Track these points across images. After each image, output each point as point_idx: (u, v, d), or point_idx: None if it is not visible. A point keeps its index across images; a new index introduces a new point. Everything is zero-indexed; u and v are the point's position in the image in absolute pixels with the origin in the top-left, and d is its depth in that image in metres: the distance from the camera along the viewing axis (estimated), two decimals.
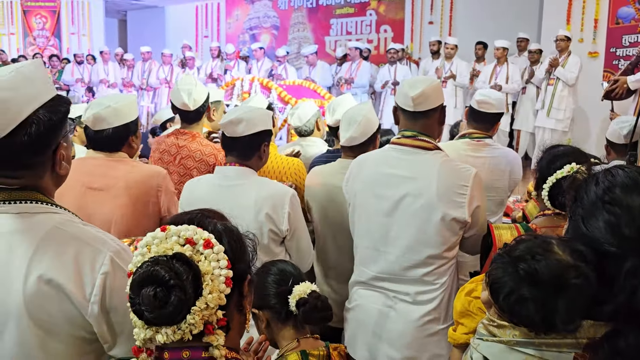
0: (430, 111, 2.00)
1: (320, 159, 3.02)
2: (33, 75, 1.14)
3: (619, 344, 0.95)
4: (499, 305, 1.07)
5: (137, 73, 10.56)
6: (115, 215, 2.09)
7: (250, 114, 2.09)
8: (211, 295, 0.93)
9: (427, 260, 1.94)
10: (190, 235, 0.96)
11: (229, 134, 2.10)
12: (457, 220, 1.92)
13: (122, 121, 2.10)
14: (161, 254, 0.93)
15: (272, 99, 5.28)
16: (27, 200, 1.15)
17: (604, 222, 1.01)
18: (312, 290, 1.66)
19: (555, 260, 1.00)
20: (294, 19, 11.29)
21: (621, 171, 1.06)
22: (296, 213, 2.15)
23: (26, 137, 1.09)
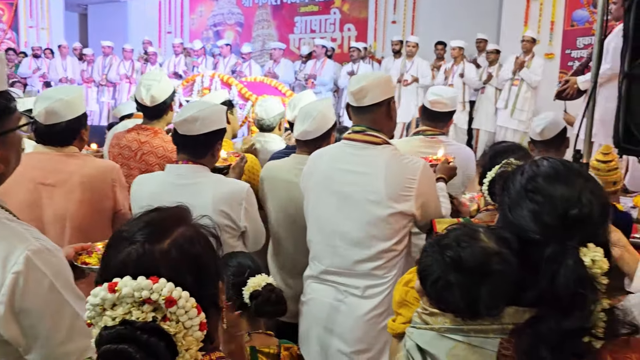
0: (374, 106, 2.02)
1: (279, 155, 3.04)
2: None
3: (541, 328, 0.98)
4: (427, 292, 1.10)
5: (97, 68, 10.34)
6: (69, 210, 2.08)
7: (205, 112, 2.07)
8: (188, 352, 0.88)
9: (377, 254, 1.98)
10: (146, 295, 0.86)
11: (183, 132, 2.08)
12: (404, 214, 1.97)
13: (74, 114, 2.08)
14: (120, 319, 0.85)
15: (232, 95, 5.27)
16: None
17: (527, 210, 1.04)
18: (267, 282, 1.66)
19: (479, 248, 1.03)
20: (258, 16, 11.24)
21: (545, 162, 1.10)
22: (252, 208, 2.17)
23: None
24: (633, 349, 1.02)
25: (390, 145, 2.05)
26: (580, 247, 0.99)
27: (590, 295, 0.97)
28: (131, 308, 0.85)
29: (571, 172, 1.07)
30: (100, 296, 0.86)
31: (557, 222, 1.01)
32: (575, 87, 4.60)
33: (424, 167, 2.01)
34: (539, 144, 2.95)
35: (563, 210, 1.01)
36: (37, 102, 2.06)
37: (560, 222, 1.01)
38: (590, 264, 0.98)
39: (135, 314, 0.85)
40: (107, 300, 0.86)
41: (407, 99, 7.88)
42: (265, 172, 2.62)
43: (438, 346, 1.09)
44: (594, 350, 0.99)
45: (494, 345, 1.04)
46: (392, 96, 2.11)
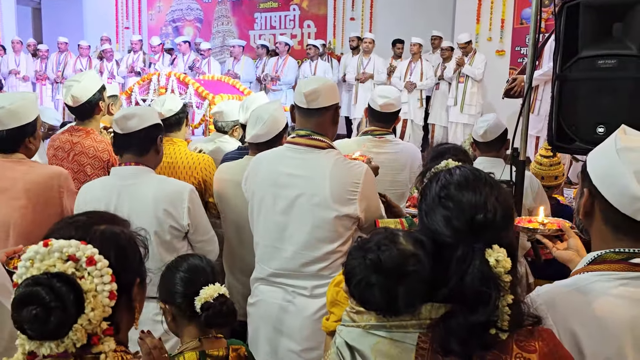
0: (323, 109, 2.08)
1: (232, 155, 3.09)
2: None
3: (452, 323, 1.07)
4: (351, 293, 1.17)
5: (52, 65, 10.09)
6: (13, 217, 2.08)
7: (141, 110, 2.15)
8: (93, 312, 0.96)
9: (323, 255, 2.04)
10: (73, 252, 0.97)
11: (123, 130, 2.12)
12: (349, 217, 2.03)
13: (17, 123, 2.07)
14: (43, 270, 0.95)
15: (189, 94, 5.25)
16: None
17: (441, 215, 1.14)
18: (219, 294, 1.69)
19: (397, 250, 1.11)
20: (218, 12, 11.17)
21: (458, 170, 1.20)
22: (196, 207, 2.20)
23: None
24: (536, 337, 1.12)
25: (334, 149, 2.11)
26: (486, 248, 1.09)
27: (494, 292, 1.06)
28: (56, 261, 0.95)
29: (479, 181, 1.16)
30: (33, 250, 0.96)
31: (466, 226, 1.11)
32: (522, 85, 4.78)
33: (367, 171, 2.07)
34: (481, 145, 3.07)
35: (470, 216, 1.11)
36: None
37: (468, 226, 1.10)
38: (495, 264, 1.07)
39: (59, 267, 0.95)
40: (39, 254, 0.95)
41: (363, 95, 8.00)
42: (218, 174, 2.66)
43: (363, 342, 1.16)
44: (500, 341, 1.09)
45: (413, 339, 1.12)
46: (338, 102, 2.18)
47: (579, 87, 2.20)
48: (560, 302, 1.25)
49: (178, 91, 5.27)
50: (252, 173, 2.21)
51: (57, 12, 13.19)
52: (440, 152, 2.34)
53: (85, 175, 2.57)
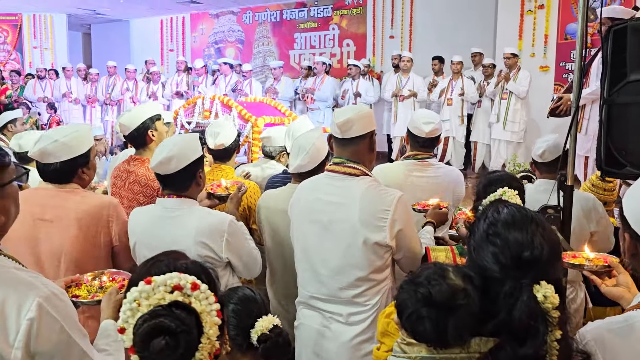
0: (358, 138, 2.10)
1: (276, 179, 3.14)
2: None
3: (501, 356, 1.12)
4: (403, 325, 1.23)
5: (102, 88, 10.50)
6: (65, 246, 2.14)
7: (177, 148, 2.13)
8: (211, 330, 1.05)
9: (355, 282, 2.05)
10: (176, 282, 1.04)
11: (163, 173, 2.15)
12: (379, 244, 2.03)
13: (69, 155, 2.14)
14: (154, 304, 1.01)
15: (232, 116, 5.37)
16: None
17: (488, 252, 1.20)
18: (274, 325, 1.70)
19: (447, 285, 1.17)
20: (259, 33, 11.41)
21: (505, 209, 1.26)
22: (236, 239, 2.22)
23: None
24: None
25: (369, 176, 2.12)
26: (533, 284, 1.13)
27: (542, 326, 1.10)
28: (164, 294, 1.02)
29: (526, 219, 1.22)
30: (137, 290, 1.03)
31: (513, 262, 1.17)
32: (568, 104, 4.67)
33: (399, 199, 2.05)
34: (541, 166, 3.03)
35: (517, 253, 1.17)
36: (38, 141, 2.15)
37: (515, 263, 1.17)
38: (542, 299, 1.12)
39: (168, 298, 1.02)
40: (144, 292, 1.02)
41: (403, 113, 7.96)
42: (262, 201, 2.71)
43: None
44: None
45: None
46: (375, 129, 2.19)
47: (628, 111, 2.15)
48: (610, 339, 1.25)
49: (222, 114, 5.39)
50: (295, 200, 2.26)
51: (105, 37, 13.77)
52: (493, 180, 2.33)
53: (139, 203, 2.64)
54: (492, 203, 2.07)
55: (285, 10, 10.99)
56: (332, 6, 10.40)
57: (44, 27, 12.53)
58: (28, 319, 1.17)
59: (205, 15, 12.07)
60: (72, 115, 10.31)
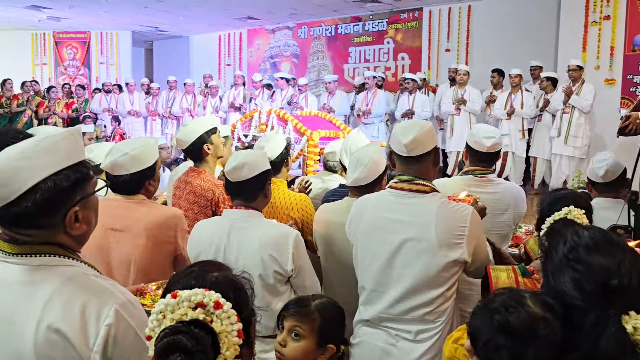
0: (423, 155, 2.08)
1: (334, 194, 3.13)
2: (54, 147, 1.24)
3: None
4: (477, 353, 1.17)
5: (162, 102, 10.89)
6: (134, 255, 2.22)
7: (251, 157, 2.22)
8: (228, 351, 1.04)
9: (429, 301, 2.02)
10: (200, 299, 1.05)
11: (234, 179, 2.22)
12: (457, 262, 2.01)
13: (138, 167, 2.23)
14: (177, 320, 1.04)
15: (288, 130, 5.43)
16: (47, 254, 1.26)
17: (569, 278, 1.14)
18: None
19: (526, 313, 1.11)
20: (314, 48, 11.55)
21: (586, 232, 1.19)
22: (300, 253, 2.24)
23: (30, 204, 1.20)
24: None
25: (438, 193, 2.09)
26: (621, 314, 1.06)
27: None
28: (187, 310, 1.04)
29: (610, 244, 1.15)
30: (163, 303, 1.05)
31: (598, 290, 1.10)
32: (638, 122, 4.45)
33: (473, 213, 2.04)
34: (599, 185, 2.91)
35: (604, 280, 1.10)
36: (109, 154, 2.25)
37: (601, 291, 1.10)
38: (632, 331, 1.05)
39: (190, 315, 1.04)
40: (170, 305, 1.05)
41: (459, 128, 7.83)
42: (320, 215, 2.71)
43: None
44: None
45: None
46: (437, 144, 2.17)
47: None
48: None
49: (278, 128, 5.46)
50: (357, 217, 2.23)
51: (166, 53, 14.31)
52: (557, 198, 2.25)
53: (193, 213, 2.70)
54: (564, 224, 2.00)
55: (340, 25, 11.09)
56: (387, 20, 10.41)
57: (110, 44, 13.16)
58: (106, 325, 1.21)
59: (261, 30, 12.34)
60: (134, 128, 10.74)
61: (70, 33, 13.03)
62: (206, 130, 2.89)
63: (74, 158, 1.28)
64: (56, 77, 13.04)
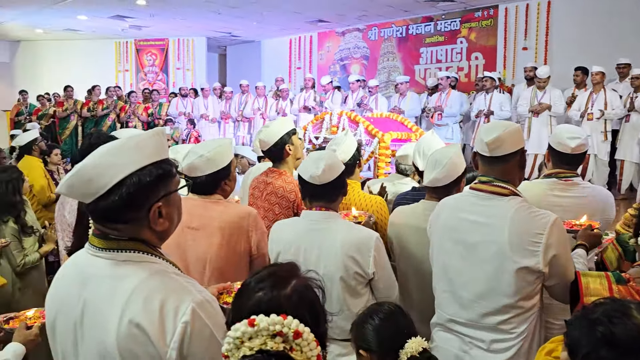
0: (508, 156, 1.98)
1: (405, 197, 3.08)
2: (141, 144, 1.30)
3: None
4: None
5: (235, 105, 11.17)
6: (209, 253, 2.27)
7: (330, 159, 2.22)
8: None
9: (501, 308, 1.92)
10: (279, 329, 1.03)
11: (322, 182, 2.20)
12: (530, 270, 1.89)
13: (213, 169, 2.27)
14: (257, 348, 1.03)
15: (359, 132, 5.40)
16: (131, 249, 1.31)
17: None
18: (423, 348, 1.68)
19: (632, 324, 1.05)
20: (384, 49, 11.46)
21: None
22: (381, 255, 2.22)
23: (117, 197, 1.26)
24: None
25: (519, 196, 1.99)
26: None
27: None
28: (266, 339, 1.02)
29: None
30: (240, 330, 1.03)
31: None
32: None
33: (554, 222, 1.91)
34: None
35: None
36: (186, 157, 2.31)
37: None
38: None
39: (270, 344, 1.03)
40: (247, 333, 1.03)
41: (537, 129, 7.48)
42: (394, 218, 2.66)
43: None
44: None
45: None
46: (524, 146, 2.06)
47: None
48: None
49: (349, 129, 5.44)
50: (435, 217, 2.19)
51: (239, 57, 14.69)
52: None
53: (274, 214, 2.72)
54: None
55: (412, 26, 10.93)
56: (460, 19, 10.15)
57: (187, 50, 13.69)
58: (183, 322, 1.23)
59: (331, 33, 12.39)
60: (209, 131, 11.09)
61: (150, 40, 13.68)
62: (287, 132, 2.93)
63: (158, 156, 1.33)
64: (137, 83, 13.73)
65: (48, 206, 4.89)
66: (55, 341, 1.38)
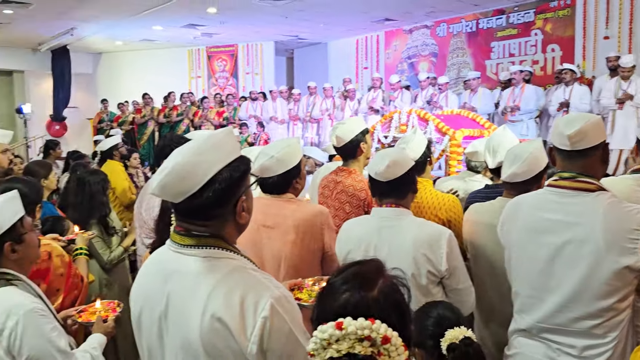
0: (590, 150, 1.86)
1: (479, 195, 2.97)
2: (221, 142, 1.35)
3: None
4: None
5: (303, 107, 11.29)
6: (284, 250, 2.30)
7: (399, 156, 2.20)
8: None
9: (596, 312, 1.81)
10: (367, 333, 1.04)
11: (386, 178, 2.19)
12: (630, 269, 1.76)
13: (284, 168, 2.31)
14: (344, 352, 1.03)
15: (429, 130, 5.29)
16: (212, 246, 1.35)
17: None
18: (465, 336, 1.66)
19: None
20: (453, 45, 11.18)
21: None
22: (454, 253, 2.15)
23: (211, 193, 1.31)
24: None
25: (607, 192, 1.86)
26: None
27: None
28: (354, 343, 1.03)
29: None
30: (328, 332, 1.04)
31: None
32: None
33: None
34: None
35: None
36: (257, 158, 2.34)
37: None
38: None
39: (357, 348, 1.03)
40: (334, 336, 1.04)
41: (623, 123, 7.00)
42: (469, 216, 2.57)
43: None
44: None
45: None
46: (606, 139, 1.93)
47: None
48: None
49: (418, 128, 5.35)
50: (510, 218, 2.08)
51: (306, 59, 14.83)
52: None
53: (345, 212, 2.73)
54: None
55: (482, 20, 10.59)
56: (534, 10, 9.71)
57: (255, 55, 13.98)
58: (262, 317, 1.25)
59: (399, 31, 12.24)
60: (278, 132, 11.27)
61: (220, 47, 14.08)
62: (361, 130, 2.96)
63: (236, 153, 1.38)
64: (208, 88, 14.17)
65: (129, 207, 5.13)
66: (141, 335, 1.44)
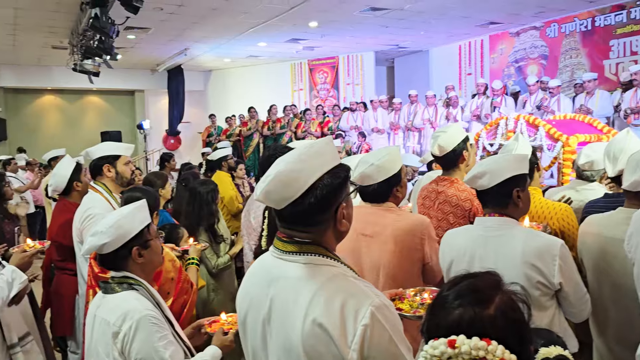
0: None
1: (596, 204, 2.75)
2: (322, 150, 1.37)
3: None
4: None
5: (404, 116, 11.16)
6: (383, 259, 2.27)
7: (494, 164, 2.08)
8: None
9: None
10: (483, 354, 0.98)
11: (474, 187, 2.13)
12: None
13: (384, 176, 2.28)
14: None
15: (539, 136, 4.99)
16: (313, 253, 1.37)
17: None
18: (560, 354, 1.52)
19: None
20: (565, 46, 10.49)
21: None
22: (568, 264, 2.00)
23: (313, 199, 1.32)
24: None
25: None
26: None
27: None
28: None
29: None
30: (440, 349, 1.00)
31: None
32: None
33: None
34: None
35: None
36: (357, 166, 2.34)
37: None
38: None
39: None
40: (446, 354, 0.99)
41: None
42: (586, 227, 2.39)
43: None
44: None
45: None
46: None
47: None
48: None
49: (527, 134, 5.07)
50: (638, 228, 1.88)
51: (407, 68, 14.68)
52: None
53: (448, 223, 2.65)
54: None
55: (598, 17, 9.84)
56: None
57: (355, 66, 14.08)
58: (363, 325, 1.24)
59: (504, 34, 11.73)
60: (379, 142, 11.23)
61: (321, 59, 14.36)
62: (463, 138, 2.89)
63: (336, 160, 1.39)
64: (310, 100, 14.49)
65: (236, 216, 5.35)
66: (246, 337, 1.49)
